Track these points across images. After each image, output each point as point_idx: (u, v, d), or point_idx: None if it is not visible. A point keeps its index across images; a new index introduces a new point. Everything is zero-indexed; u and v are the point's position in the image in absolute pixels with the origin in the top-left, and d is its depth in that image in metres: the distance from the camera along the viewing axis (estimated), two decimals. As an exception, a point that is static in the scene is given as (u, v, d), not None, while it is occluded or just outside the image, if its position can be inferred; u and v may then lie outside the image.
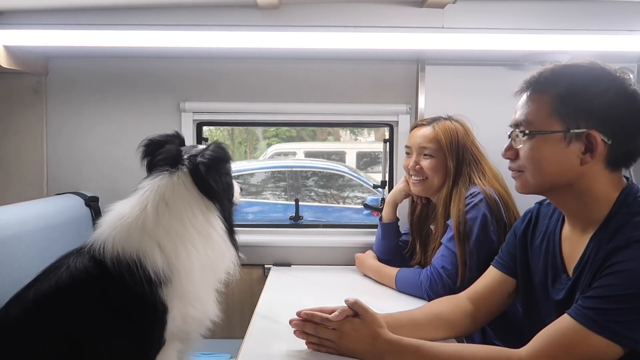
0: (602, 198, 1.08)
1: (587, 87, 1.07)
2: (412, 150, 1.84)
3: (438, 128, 1.78)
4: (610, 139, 1.05)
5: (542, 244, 1.23)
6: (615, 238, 1.02)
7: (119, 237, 1.29)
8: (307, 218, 2.41)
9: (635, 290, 0.95)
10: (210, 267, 1.38)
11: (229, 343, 1.93)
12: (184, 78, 2.15)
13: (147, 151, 1.44)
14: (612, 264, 0.99)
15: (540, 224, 1.27)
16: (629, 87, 1.07)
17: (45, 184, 2.17)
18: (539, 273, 1.22)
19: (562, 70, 1.10)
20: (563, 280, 1.15)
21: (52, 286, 1.27)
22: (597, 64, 1.09)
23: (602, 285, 0.99)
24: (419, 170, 1.79)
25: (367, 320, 1.18)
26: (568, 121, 1.06)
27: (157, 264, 1.27)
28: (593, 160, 1.06)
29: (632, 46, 1.89)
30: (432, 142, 1.77)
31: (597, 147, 1.05)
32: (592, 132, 1.04)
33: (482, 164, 1.76)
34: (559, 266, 1.17)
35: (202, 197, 1.37)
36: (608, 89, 1.06)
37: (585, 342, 0.97)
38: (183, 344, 1.38)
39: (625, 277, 0.96)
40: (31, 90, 2.14)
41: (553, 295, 1.16)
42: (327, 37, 1.83)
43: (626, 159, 1.09)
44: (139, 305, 1.27)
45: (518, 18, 1.91)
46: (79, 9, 1.87)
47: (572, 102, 1.06)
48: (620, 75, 1.08)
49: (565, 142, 1.07)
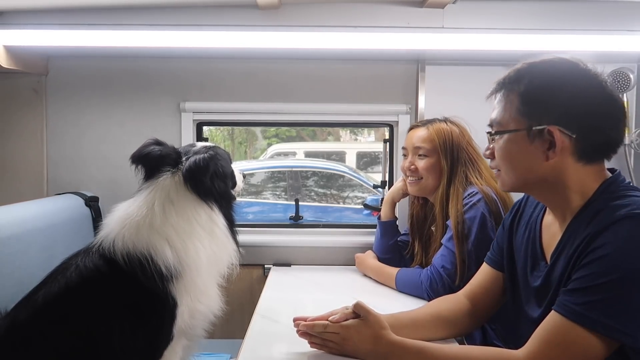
0: (579, 189, 1.08)
1: (546, 83, 1.08)
2: (407, 151, 1.86)
3: (432, 129, 1.80)
4: (574, 133, 1.05)
5: (525, 232, 1.24)
6: (592, 223, 1.01)
7: (128, 234, 1.32)
8: (307, 218, 2.42)
9: (615, 275, 0.95)
10: (216, 262, 1.42)
11: (229, 343, 1.93)
12: (184, 78, 2.15)
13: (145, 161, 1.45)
14: (591, 250, 0.99)
15: (525, 213, 1.28)
16: (593, 80, 1.06)
17: (45, 184, 2.17)
18: (521, 262, 1.23)
19: (526, 69, 1.11)
20: (541, 268, 1.15)
21: (62, 287, 1.28)
22: (562, 59, 1.10)
23: (583, 276, 0.99)
24: (414, 170, 1.82)
25: (369, 322, 1.18)
26: (530, 119, 1.08)
27: (167, 258, 1.31)
28: (557, 155, 1.06)
29: (632, 46, 1.89)
30: (426, 142, 1.79)
31: (559, 142, 1.05)
32: (551, 127, 1.05)
33: (478, 163, 1.77)
34: (538, 254, 1.17)
35: (199, 198, 1.40)
36: (568, 83, 1.06)
37: (577, 339, 0.97)
38: (188, 339, 1.42)
39: (604, 264, 0.96)
40: (31, 90, 2.14)
41: (531, 282, 1.17)
42: (327, 37, 1.83)
43: (599, 151, 1.08)
44: (151, 300, 1.29)
45: (518, 18, 1.91)
46: (79, 9, 1.87)
47: (533, 99, 1.08)
48: (584, 68, 1.08)
49: (529, 140, 1.09)
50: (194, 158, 1.40)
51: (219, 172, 1.43)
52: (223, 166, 1.46)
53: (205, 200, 1.41)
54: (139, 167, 1.43)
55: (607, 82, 1.07)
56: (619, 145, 1.09)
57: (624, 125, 1.09)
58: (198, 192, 1.39)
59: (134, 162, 1.42)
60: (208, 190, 1.41)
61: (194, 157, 1.41)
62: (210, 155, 1.42)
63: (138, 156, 1.42)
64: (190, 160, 1.40)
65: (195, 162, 1.39)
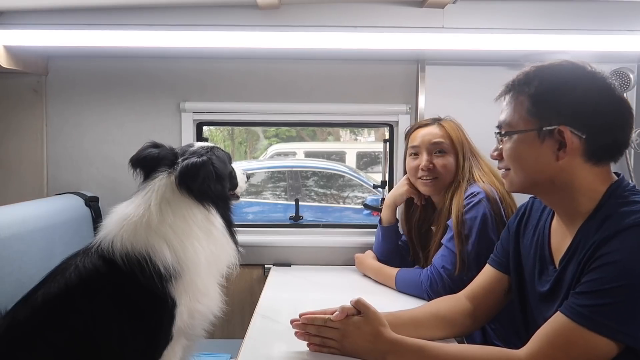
0: (588, 192, 1.09)
1: (556, 85, 1.10)
2: (420, 149, 1.81)
3: (446, 125, 1.80)
4: (584, 133, 1.06)
5: (533, 237, 1.24)
6: (602, 229, 1.02)
7: (126, 235, 1.33)
8: (307, 218, 2.41)
9: (625, 281, 0.95)
10: (215, 262, 1.43)
11: (229, 343, 1.93)
12: (184, 78, 2.16)
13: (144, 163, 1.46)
14: (600, 256, 1.00)
15: (532, 217, 1.28)
16: (601, 82, 1.08)
17: (45, 184, 2.17)
18: (529, 266, 1.23)
19: (534, 72, 1.13)
20: (550, 272, 1.15)
21: (61, 287, 1.29)
22: (570, 62, 1.12)
23: (592, 279, 0.99)
24: (432, 169, 1.77)
25: (369, 318, 1.18)
26: (541, 119, 1.10)
27: (166, 258, 1.32)
28: (568, 155, 1.08)
29: (632, 46, 1.89)
30: (445, 138, 1.78)
31: (569, 142, 1.07)
32: (562, 127, 1.07)
33: (478, 158, 1.79)
34: (547, 258, 1.18)
35: (194, 200, 1.41)
36: (577, 85, 1.08)
37: (581, 340, 0.97)
38: (188, 339, 1.42)
39: (613, 269, 0.97)
40: (31, 90, 2.14)
41: (539, 287, 1.17)
42: (327, 37, 1.83)
43: (607, 152, 1.10)
44: (150, 300, 1.30)
45: (518, 18, 1.91)
46: (79, 9, 1.87)
47: (543, 100, 1.10)
48: (592, 71, 1.10)
49: (539, 140, 1.10)
50: (185, 162, 1.40)
51: (211, 175, 1.42)
52: (218, 168, 1.45)
53: (201, 202, 1.41)
54: (138, 170, 1.45)
55: (614, 84, 1.09)
56: (627, 146, 1.11)
57: (631, 127, 1.10)
58: (192, 194, 1.40)
59: (133, 165, 1.45)
60: (202, 193, 1.41)
61: (187, 160, 1.40)
62: (202, 161, 1.40)
63: (137, 159, 1.44)
64: (182, 163, 1.40)
65: (187, 166, 1.39)
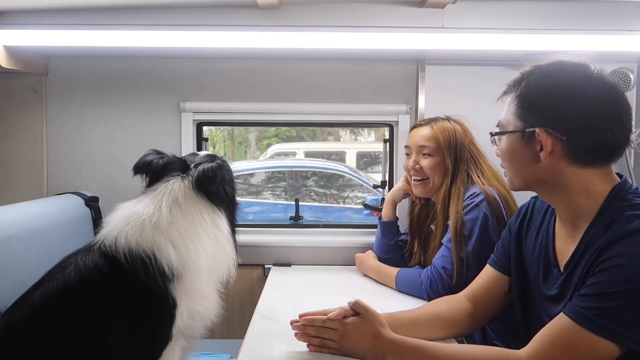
0: (584, 192, 1.08)
1: (540, 86, 1.10)
2: (411, 150, 1.85)
3: (436, 127, 1.80)
4: (564, 135, 1.06)
5: (536, 238, 1.24)
6: (607, 233, 1.02)
7: (132, 232, 1.33)
8: (307, 218, 2.41)
9: (630, 285, 0.95)
10: (216, 266, 1.44)
11: (229, 343, 1.93)
12: (184, 78, 2.15)
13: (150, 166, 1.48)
14: (605, 260, 0.99)
15: (535, 218, 1.27)
16: (595, 83, 1.06)
17: (45, 184, 2.17)
18: (533, 268, 1.23)
19: (527, 72, 1.13)
20: (555, 275, 1.15)
21: (61, 286, 1.28)
22: (567, 63, 1.11)
23: (596, 282, 0.99)
24: (418, 169, 1.80)
25: (368, 319, 1.18)
26: (524, 121, 1.11)
27: (170, 259, 1.32)
28: (549, 157, 1.08)
29: (632, 46, 1.88)
30: (430, 140, 1.78)
31: (545, 144, 1.07)
32: (538, 129, 1.07)
33: (480, 162, 1.77)
34: (552, 261, 1.17)
35: (209, 202, 1.44)
36: (562, 87, 1.07)
37: (583, 343, 0.97)
38: (187, 340, 1.42)
39: (619, 273, 0.96)
40: (31, 90, 2.14)
41: (544, 290, 1.17)
42: (327, 37, 1.83)
43: (592, 154, 1.07)
44: (151, 299, 1.30)
45: (518, 18, 1.91)
46: (79, 9, 1.87)
47: (526, 101, 1.11)
48: (588, 71, 1.07)
49: (523, 141, 1.11)
50: (202, 167, 1.44)
51: (225, 178, 1.48)
52: (229, 172, 1.52)
53: (216, 205, 1.44)
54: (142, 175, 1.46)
55: (613, 85, 1.07)
56: (621, 148, 1.08)
57: (625, 129, 1.07)
58: (209, 197, 1.43)
59: (137, 171, 1.46)
60: (218, 195, 1.45)
61: (203, 165, 1.44)
62: (217, 164, 1.46)
63: (142, 164, 1.45)
64: (199, 168, 1.44)
65: (205, 170, 1.43)
